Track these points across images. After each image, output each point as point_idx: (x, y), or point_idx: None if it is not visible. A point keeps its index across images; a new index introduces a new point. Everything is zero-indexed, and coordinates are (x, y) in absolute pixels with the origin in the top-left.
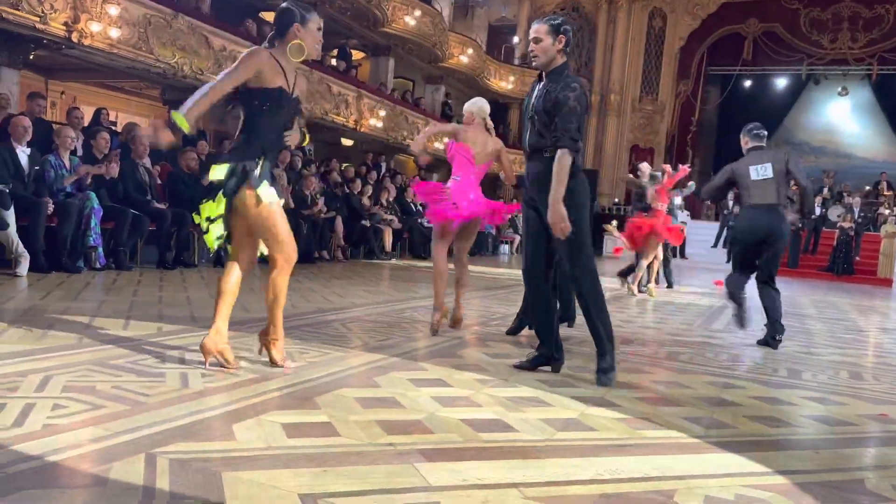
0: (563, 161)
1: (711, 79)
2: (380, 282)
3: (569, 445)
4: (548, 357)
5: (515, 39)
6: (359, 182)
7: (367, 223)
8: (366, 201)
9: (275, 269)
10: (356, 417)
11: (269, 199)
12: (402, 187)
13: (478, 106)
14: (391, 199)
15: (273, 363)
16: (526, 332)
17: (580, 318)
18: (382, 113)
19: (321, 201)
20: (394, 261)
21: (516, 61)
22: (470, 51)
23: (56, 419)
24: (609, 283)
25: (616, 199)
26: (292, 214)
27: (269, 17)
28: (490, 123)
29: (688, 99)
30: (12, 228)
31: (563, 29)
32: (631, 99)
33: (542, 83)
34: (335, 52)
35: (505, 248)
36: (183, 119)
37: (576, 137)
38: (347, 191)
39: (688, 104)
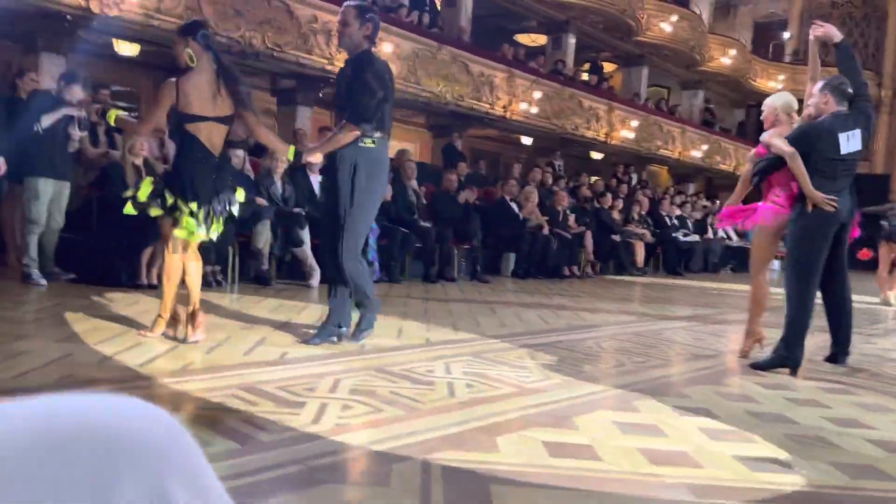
0: (346, 133)
1: None
2: (632, 299)
3: (870, 496)
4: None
5: (786, 35)
6: (609, 196)
7: (617, 237)
8: (616, 215)
9: None
10: (617, 442)
11: None
12: (655, 200)
13: (783, 101)
14: (643, 213)
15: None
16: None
17: None
18: (634, 123)
19: (572, 217)
20: (646, 277)
21: (787, 58)
22: (733, 51)
23: (345, 419)
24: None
25: None
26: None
27: (524, 39)
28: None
29: None
30: (307, 246)
31: (369, 16)
32: None
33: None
34: (587, 66)
35: (776, 263)
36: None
37: (367, 116)
38: (597, 205)
39: None
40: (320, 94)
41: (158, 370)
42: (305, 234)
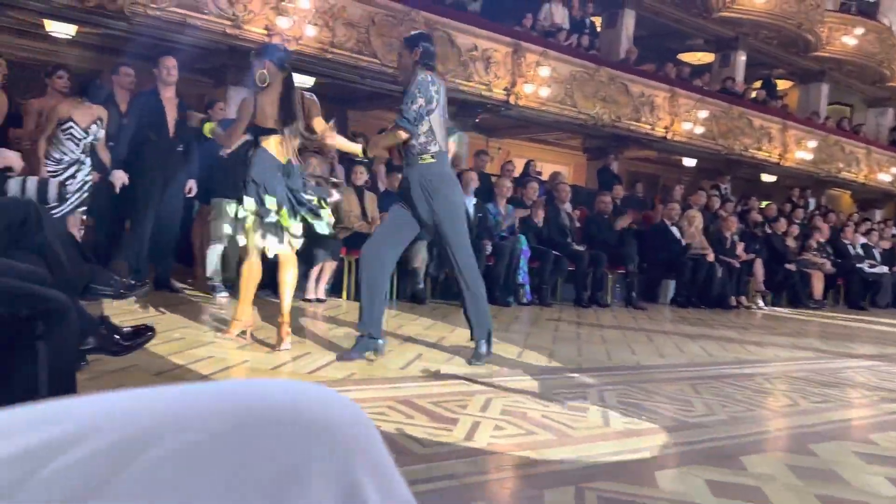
0: (395, 133)
1: None
2: (807, 334)
3: None
4: None
5: None
6: (783, 221)
7: (791, 267)
8: (791, 242)
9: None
10: (790, 487)
11: None
12: (837, 227)
13: None
14: (823, 240)
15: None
16: None
17: None
18: (812, 144)
19: (740, 246)
20: (825, 310)
21: None
22: None
23: (497, 439)
24: None
25: None
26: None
27: (687, 58)
28: None
29: None
30: None
31: (419, 44)
32: None
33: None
34: (758, 83)
35: None
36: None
37: (408, 116)
38: (769, 231)
39: None
40: (477, 120)
41: (325, 378)
42: None
